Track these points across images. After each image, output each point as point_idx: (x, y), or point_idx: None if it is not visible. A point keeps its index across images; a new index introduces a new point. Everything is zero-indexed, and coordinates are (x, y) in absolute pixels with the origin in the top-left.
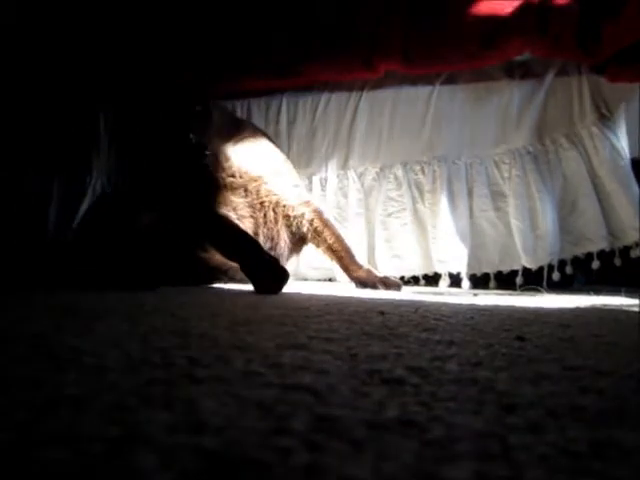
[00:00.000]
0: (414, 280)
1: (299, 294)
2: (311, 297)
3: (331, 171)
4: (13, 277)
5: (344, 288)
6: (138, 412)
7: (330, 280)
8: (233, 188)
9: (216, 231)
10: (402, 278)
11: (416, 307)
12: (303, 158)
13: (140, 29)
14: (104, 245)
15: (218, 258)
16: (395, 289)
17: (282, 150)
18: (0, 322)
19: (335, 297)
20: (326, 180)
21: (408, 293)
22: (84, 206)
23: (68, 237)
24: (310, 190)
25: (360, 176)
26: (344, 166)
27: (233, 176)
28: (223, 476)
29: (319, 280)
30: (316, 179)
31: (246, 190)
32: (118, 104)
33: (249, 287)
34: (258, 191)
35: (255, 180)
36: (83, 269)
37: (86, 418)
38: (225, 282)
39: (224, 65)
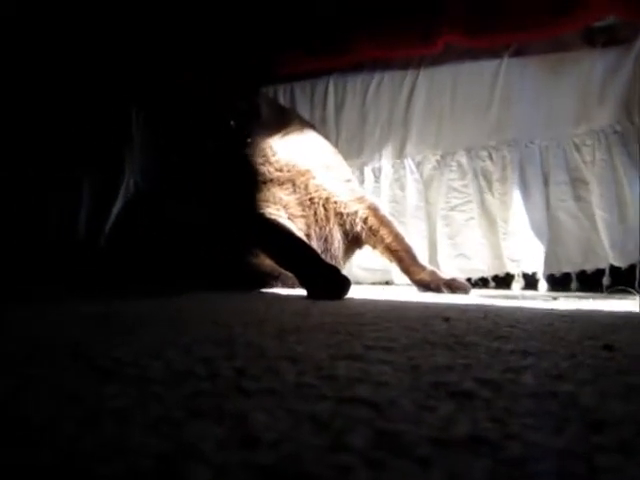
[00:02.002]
0: (483, 282)
1: (352, 299)
2: (366, 302)
3: (385, 160)
4: (43, 284)
5: (403, 292)
6: (186, 426)
7: (387, 283)
8: (280, 183)
9: (269, 240)
10: (469, 280)
11: (485, 312)
12: (353, 146)
13: (174, 18)
14: (136, 250)
15: (269, 263)
16: (462, 292)
17: (330, 139)
18: (37, 332)
19: (393, 302)
20: (380, 171)
21: (476, 297)
22: (117, 207)
23: (100, 241)
24: (362, 182)
25: (418, 165)
26: (400, 154)
27: (280, 170)
28: None
29: (374, 283)
30: (368, 170)
31: (294, 185)
32: (152, 98)
33: (298, 292)
34: (306, 186)
35: (302, 174)
36: (115, 275)
37: (132, 432)
38: (276, 287)
39: (265, 45)
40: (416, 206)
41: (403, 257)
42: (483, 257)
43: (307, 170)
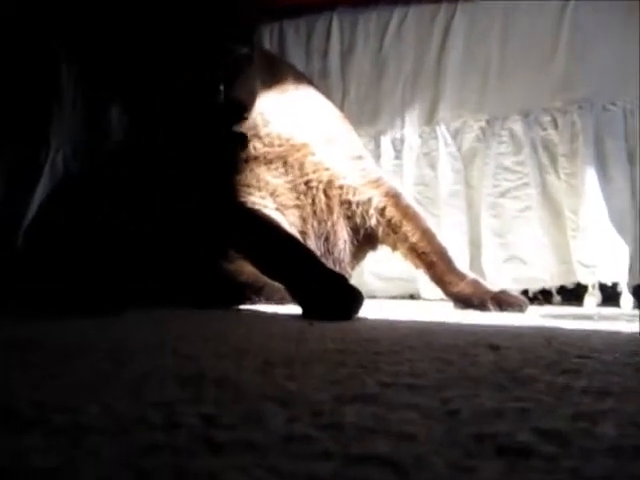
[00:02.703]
0: (544, 296)
1: (364, 320)
2: (383, 324)
3: (410, 128)
4: None
5: (434, 309)
6: None
7: (412, 297)
8: (267, 161)
9: (249, 238)
10: (525, 293)
11: (548, 338)
12: (366, 109)
13: None
14: (66, 253)
15: (250, 271)
16: (515, 310)
17: (333, 99)
18: None
19: (421, 324)
20: (402, 142)
21: (535, 317)
22: (39, 193)
23: (17, 241)
24: (378, 159)
25: (456, 134)
26: (430, 119)
27: (270, 145)
28: None
29: (394, 297)
30: (386, 141)
31: (285, 164)
32: (90, 41)
33: (290, 309)
34: (302, 165)
35: (298, 150)
36: (38, 286)
37: None
38: (259, 303)
39: None
40: (452, 191)
41: (434, 261)
42: (544, 261)
43: (304, 144)
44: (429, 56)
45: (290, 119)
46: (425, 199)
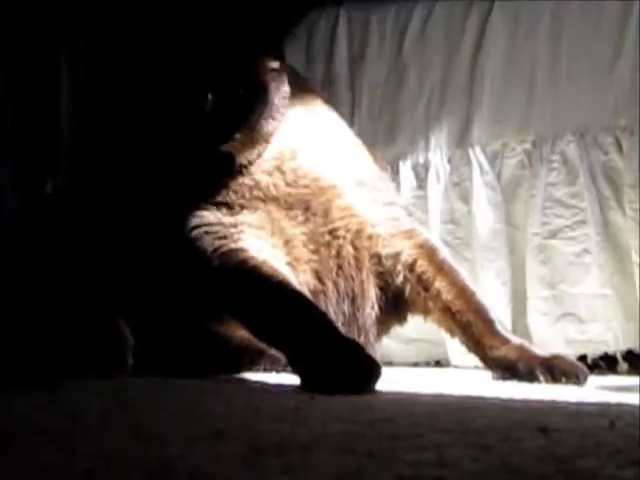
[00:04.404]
0: (608, 363)
1: (379, 394)
2: (402, 399)
3: (437, 151)
4: None
5: (467, 380)
6: None
7: (438, 364)
8: (288, 206)
9: (241, 295)
10: (583, 359)
11: (612, 418)
12: (381, 126)
13: None
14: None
15: (244, 336)
16: (571, 381)
17: (341, 115)
18: None
19: (450, 398)
20: (427, 168)
21: (596, 389)
22: None
23: None
24: (398, 190)
25: (494, 159)
26: (462, 140)
27: (293, 185)
28: None
29: (415, 364)
30: (406, 167)
31: (307, 210)
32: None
33: (288, 379)
34: (327, 211)
35: (324, 193)
36: None
37: None
38: (257, 371)
39: None
40: (490, 230)
41: (471, 322)
42: (607, 319)
43: (332, 186)
44: (460, 61)
45: (319, 154)
46: (455, 241)
